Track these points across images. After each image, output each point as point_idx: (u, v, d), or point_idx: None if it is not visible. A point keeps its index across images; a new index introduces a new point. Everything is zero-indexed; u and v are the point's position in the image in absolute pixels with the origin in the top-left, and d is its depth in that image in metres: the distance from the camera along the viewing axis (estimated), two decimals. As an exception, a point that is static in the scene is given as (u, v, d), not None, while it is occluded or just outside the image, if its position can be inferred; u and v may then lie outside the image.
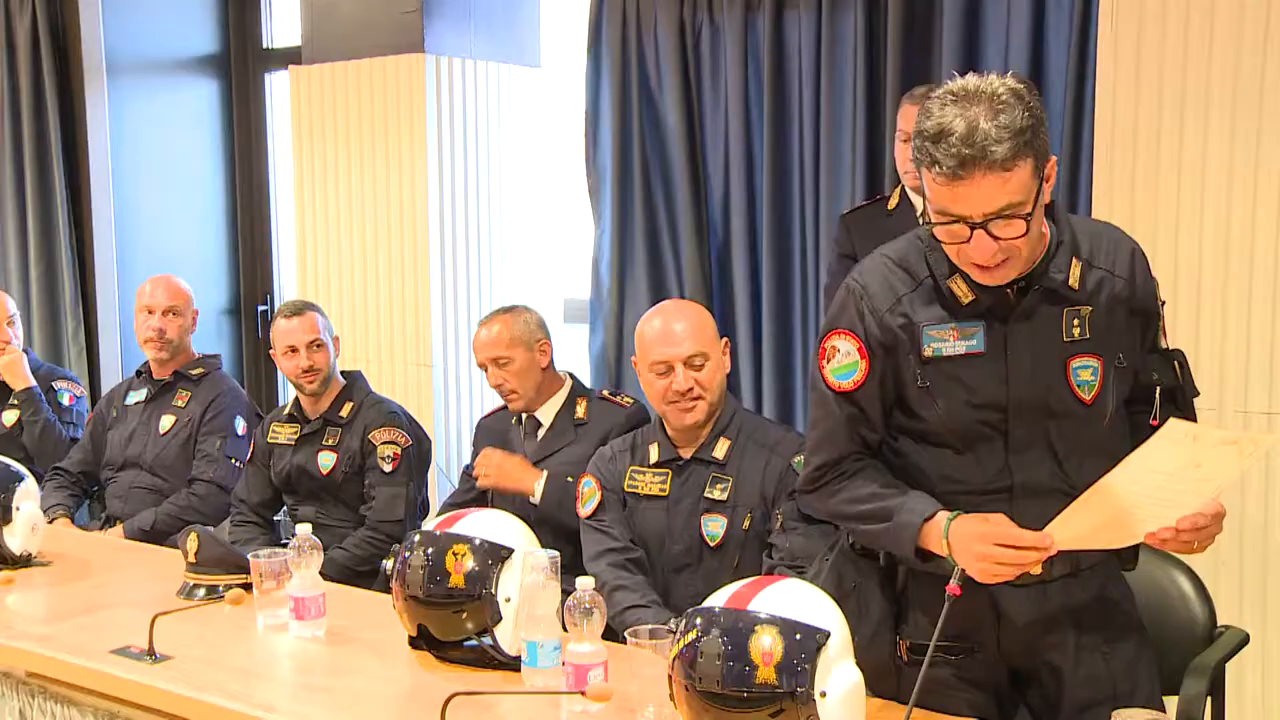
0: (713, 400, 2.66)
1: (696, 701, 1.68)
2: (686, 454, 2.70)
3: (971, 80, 1.72)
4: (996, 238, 1.70)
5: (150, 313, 3.75)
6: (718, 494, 2.63)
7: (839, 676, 1.67)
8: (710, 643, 1.67)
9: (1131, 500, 1.73)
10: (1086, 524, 1.73)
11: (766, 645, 1.65)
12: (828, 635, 1.67)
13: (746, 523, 2.60)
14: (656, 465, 2.70)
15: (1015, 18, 3.35)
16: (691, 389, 2.62)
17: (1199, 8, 2.86)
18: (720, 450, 2.66)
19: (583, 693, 1.88)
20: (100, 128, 4.98)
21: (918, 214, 3.09)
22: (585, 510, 2.78)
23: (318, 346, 3.44)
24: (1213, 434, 1.72)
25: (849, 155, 3.60)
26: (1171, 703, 2.08)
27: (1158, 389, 1.92)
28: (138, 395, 3.83)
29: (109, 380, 4.92)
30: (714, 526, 2.61)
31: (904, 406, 1.90)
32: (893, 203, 3.20)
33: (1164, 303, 1.96)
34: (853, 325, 1.88)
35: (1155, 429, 1.89)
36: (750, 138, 3.82)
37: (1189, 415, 1.96)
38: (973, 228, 1.70)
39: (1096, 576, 1.94)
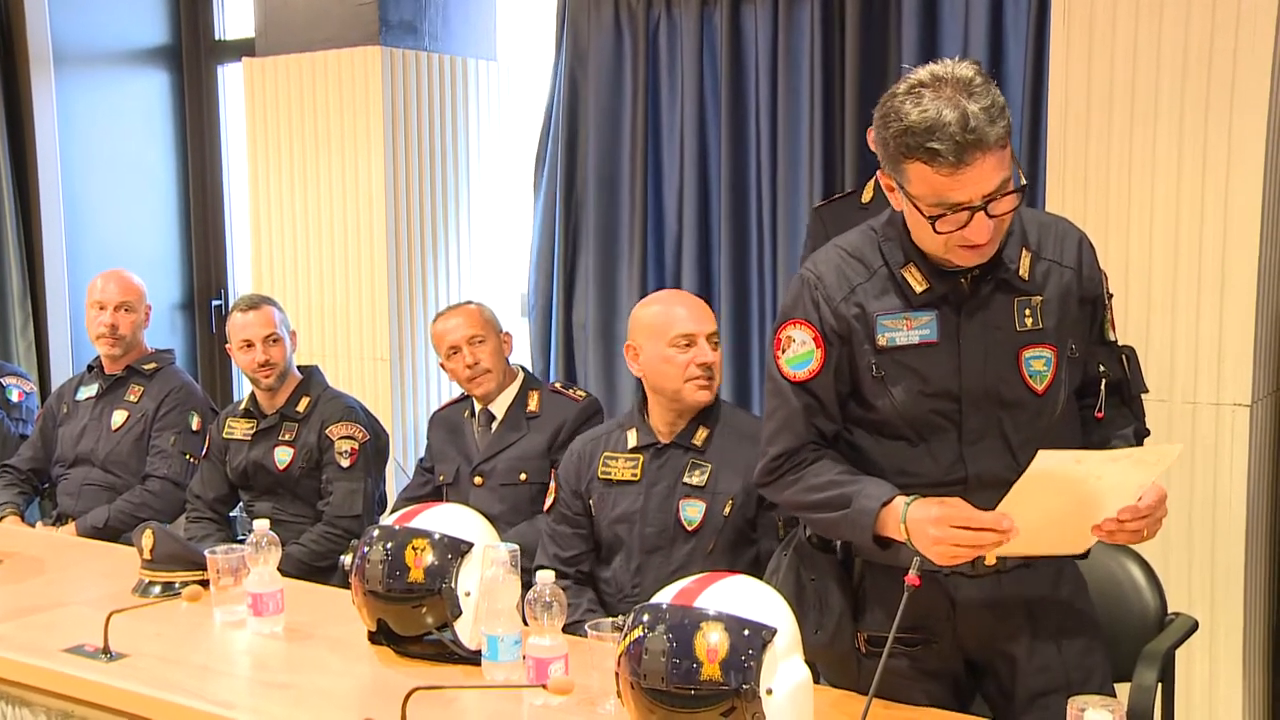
0: (719, 384, 2.69)
1: (643, 699, 1.68)
2: (665, 440, 2.71)
3: (934, 68, 1.73)
4: (993, 215, 1.73)
5: (102, 308, 3.70)
6: (696, 479, 2.64)
7: (786, 673, 1.67)
8: (655, 639, 1.67)
9: (1068, 501, 1.75)
10: (1036, 518, 1.75)
11: (712, 642, 1.64)
12: (774, 632, 1.67)
13: (727, 508, 2.61)
14: (632, 451, 2.72)
15: (974, 11, 3.38)
16: (712, 364, 2.64)
17: (1148, 4, 2.90)
18: (699, 438, 2.67)
19: (544, 686, 1.88)
20: (48, 120, 4.90)
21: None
22: (545, 506, 2.83)
23: (274, 341, 3.41)
24: (1097, 455, 1.74)
25: (805, 148, 3.62)
26: (1123, 690, 2.12)
27: (1103, 381, 1.94)
28: (89, 391, 3.78)
29: (59, 376, 4.85)
30: (692, 511, 2.63)
31: (858, 397, 1.91)
32: (867, 195, 3.15)
33: (1112, 295, 1.99)
34: (808, 315, 1.90)
35: (1100, 422, 1.93)
36: (706, 131, 3.83)
37: (1135, 410, 2.00)
38: (973, 211, 1.72)
39: (1050, 565, 1.96)
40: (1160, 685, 2.20)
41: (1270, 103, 2.81)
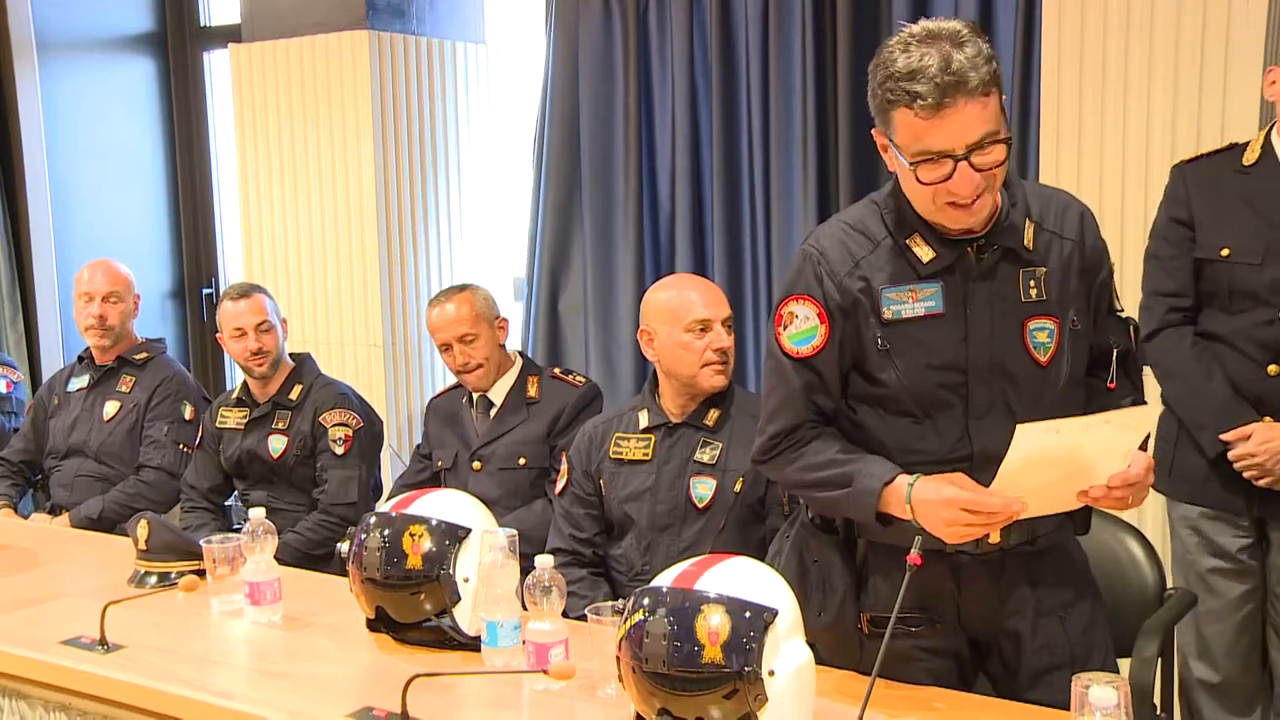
0: (732, 367, 2.70)
1: (644, 683, 1.67)
2: (676, 420, 2.71)
3: (928, 23, 1.73)
4: (978, 169, 1.71)
5: (90, 299, 3.68)
6: (706, 457, 2.64)
7: (788, 655, 1.67)
8: (656, 623, 1.66)
9: (1058, 470, 1.75)
10: (1030, 489, 1.74)
11: (713, 625, 1.64)
12: (775, 613, 1.66)
13: (738, 486, 2.61)
14: (644, 431, 2.72)
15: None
16: (727, 349, 2.65)
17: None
18: (710, 419, 2.68)
19: (544, 671, 1.87)
20: (32, 109, 4.86)
21: None
22: (557, 489, 2.84)
23: (266, 329, 3.40)
24: (1074, 422, 1.73)
25: (799, 127, 3.60)
26: (1123, 665, 2.12)
27: (1114, 352, 1.94)
28: (80, 381, 3.76)
29: (49, 367, 4.83)
30: (703, 489, 2.63)
31: (863, 371, 1.89)
32: (1251, 155, 2.46)
33: (1113, 268, 1.98)
34: (810, 290, 1.87)
35: (1113, 393, 1.93)
36: (698, 112, 3.81)
37: (1136, 382, 1.99)
38: (956, 160, 1.70)
39: (1053, 541, 1.95)
40: (1160, 659, 2.20)
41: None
